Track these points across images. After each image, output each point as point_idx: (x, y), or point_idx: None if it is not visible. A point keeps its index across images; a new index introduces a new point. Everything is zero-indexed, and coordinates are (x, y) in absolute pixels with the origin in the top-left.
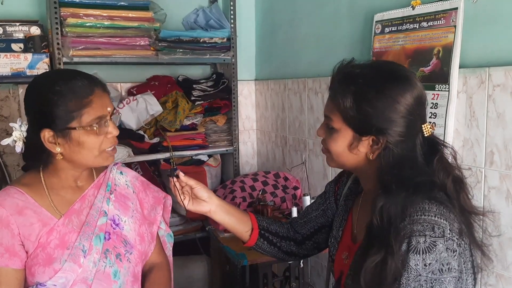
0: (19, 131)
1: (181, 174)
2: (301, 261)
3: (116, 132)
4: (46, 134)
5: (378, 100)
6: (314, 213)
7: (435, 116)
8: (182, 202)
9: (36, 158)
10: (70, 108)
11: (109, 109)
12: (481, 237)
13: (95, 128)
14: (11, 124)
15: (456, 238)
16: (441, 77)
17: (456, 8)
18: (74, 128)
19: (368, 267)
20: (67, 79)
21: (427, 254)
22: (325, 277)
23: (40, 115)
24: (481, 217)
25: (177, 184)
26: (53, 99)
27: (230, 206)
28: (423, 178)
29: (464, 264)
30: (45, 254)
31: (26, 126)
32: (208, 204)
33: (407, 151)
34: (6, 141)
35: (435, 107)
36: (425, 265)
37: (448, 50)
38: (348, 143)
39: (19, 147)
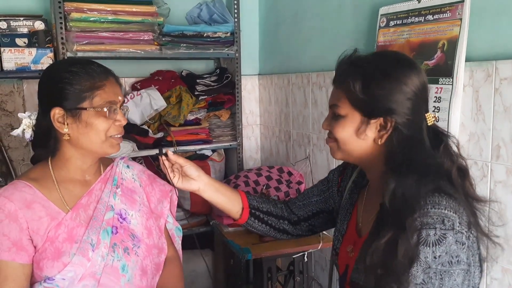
0: (28, 119)
1: (170, 153)
2: (305, 255)
3: (124, 121)
4: (56, 113)
5: (386, 81)
6: (315, 198)
7: (438, 110)
8: (171, 180)
9: (44, 144)
10: (83, 88)
11: (120, 98)
12: (488, 228)
13: (105, 110)
14: (19, 115)
15: (465, 231)
16: (445, 70)
17: (463, 1)
18: (85, 109)
19: (379, 245)
20: (84, 63)
21: (437, 247)
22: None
23: (52, 93)
24: (487, 208)
25: (166, 163)
26: (68, 77)
27: (220, 185)
28: (432, 160)
29: (472, 257)
30: (54, 248)
31: (35, 115)
32: (197, 182)
33: (415, 133)
34: (16, 132)
35: (438, 100)
36: (434, 257)
37: (453, 43)
38: (356, 128)
39: (28, 133)
